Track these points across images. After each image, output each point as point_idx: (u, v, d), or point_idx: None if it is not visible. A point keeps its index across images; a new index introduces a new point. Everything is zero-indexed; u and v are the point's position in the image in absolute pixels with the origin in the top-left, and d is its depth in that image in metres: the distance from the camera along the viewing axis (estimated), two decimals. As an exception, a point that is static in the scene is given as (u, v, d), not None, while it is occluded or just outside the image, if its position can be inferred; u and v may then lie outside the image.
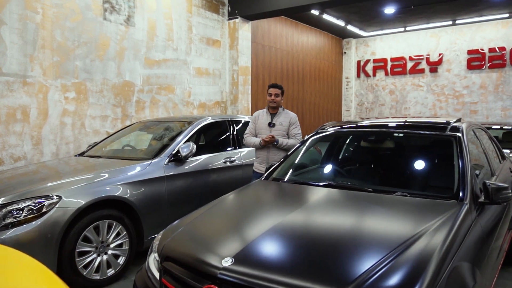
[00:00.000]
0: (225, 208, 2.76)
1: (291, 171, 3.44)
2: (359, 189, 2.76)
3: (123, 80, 6.84)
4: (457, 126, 3.14)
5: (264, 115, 4.65)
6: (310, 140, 3.63)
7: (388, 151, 3.32)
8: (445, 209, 2.35)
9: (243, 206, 2.73)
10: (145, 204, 3.97)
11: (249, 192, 2.98)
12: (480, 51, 11.18)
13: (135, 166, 4.08)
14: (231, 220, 2.54)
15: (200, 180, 4.58)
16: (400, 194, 2.59)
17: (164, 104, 7.55)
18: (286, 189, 2.98)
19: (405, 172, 3.07)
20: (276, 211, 2.53)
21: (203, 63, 8.33)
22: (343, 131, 3.62)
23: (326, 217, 2.40)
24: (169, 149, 4.41)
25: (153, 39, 7.31)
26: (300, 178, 3.24)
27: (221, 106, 8.86)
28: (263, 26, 10.08)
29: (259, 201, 2.71)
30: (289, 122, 4.54)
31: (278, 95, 4.55)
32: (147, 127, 5.54)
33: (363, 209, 2.46)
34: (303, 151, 3.59)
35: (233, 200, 2.86)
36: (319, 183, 2.92)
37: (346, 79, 13.63)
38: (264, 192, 2.95)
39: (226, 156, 5.01)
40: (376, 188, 2.79)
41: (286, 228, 2.22)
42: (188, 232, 2.45)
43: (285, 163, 3.48)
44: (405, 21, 11.13)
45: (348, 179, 3.14)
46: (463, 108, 11.48)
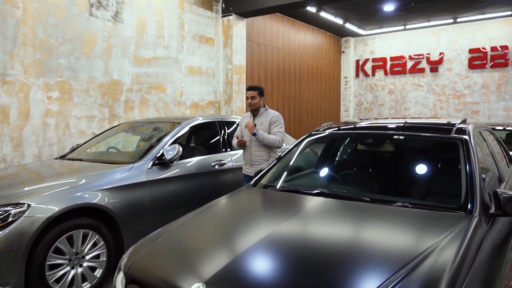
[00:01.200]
0: (204, 220, 2.47)
1: (283, 177, 3.16)
2: (355, 198, 2.47)
3: (111, 79, 6.54)
4: (463, 128, 2.85)
5: (248, 117, 4.60)
6: (305, 142, 3.34)
7: (387, 155, 3.03)
8: (452, 223, 2.07)
9: (225, 219, 2.44)
10: (125, 211, 3.68)
11: (232, 202, 2.69)
12: (482, 50, 10.90)
13: (115, 171, 3.79)
14: (210, 235, 2.25)
15: (187, 186, 4.29)
16: (401, 205, 2.30)
17: (155, 104, 7.26)
18: (274, 199, 2.69)
19: (406, 179, 2.78)
20: (262, 224, 2.23)
21: (195, 62, 8.04)
22: (339, 133, 3.33)
23: (318, 233, 2.11)
24: (152, 152, 4.12)
25: (143, 36, 7.02)
26: (291, 185, 2.95)
27: (214, 106, 8.57)
28: (259, 23, 9.80)
29: (243, 213, 2.42)
30: (270, 121, 4.44)
31: (255, 97, 4.46)
32: (133, 128, 5.25)
33: (360, 223, 2.17)
34: (297, 154, 3.30)
35: (214, 211, 2.57)
36: (312, 191, 2.62)
37: (344, 79, 13.35)
38: (249, 202, 2.66)
39: (215, 159, 4.72)
40: (374, 197, 2.50)
41: (271, 245, 1.94)
42: (161, 247, 2.16)
43: (276, 168, 3.19)
44: (405, 19, 10.85)
45: (343, 186, 2.85)
46: (464, 108, 11.20)
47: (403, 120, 3.37)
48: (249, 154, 4.46)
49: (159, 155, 4.11)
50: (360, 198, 2.45)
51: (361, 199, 2.44)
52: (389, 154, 3.01)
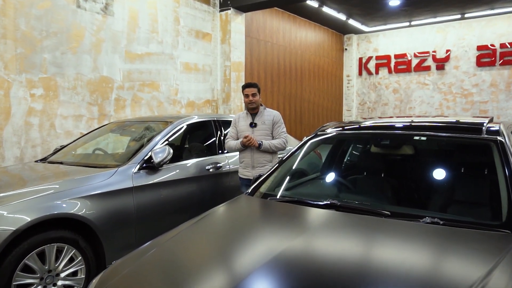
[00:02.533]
0: (196, 236, 2.06)
1: (284, 184, 2.74)
2: (372, 212, 2.06)
3: (100, 76, 6.13)
4: (494, 128, 2.44)
5: (244, 116, 4.26)
6: (309, 144, 2.92)
7: (406, 159, 2.61)
8: (496, 246, 1.65)
9: (219, 237, 2.02)
10: (107, 222, 3.26)
11: (226, 215, 2.28)
12: (490, 47, 10.48)
13: (96, 176, 3.37)
14: (204, 256, 1.84)
15: (178, 192, 3.87)
16: (430, 221, 1.89)
17: (148, 103, 6.84)
18: (275, 212, 2.27)
19: (430, 188, 2.36)
20: (263, 246, 1.82)
21: (191, 58, 7.63)
22: (349, 133, 2.91)
23: (331, 259, 1.69)
24: (139, 155, 3.70)
25: (135, 30, 6.60)
26: (294, 194, 2.54)
27: (212, 105, 8.16)
28: (258, 19, 9.38)
29: (239, 231, 2.00)
30: (273, 121, 4.16)
31: (255, 94, 4.16)
32: (122, 128, 4.84)
33: (383, 245, 1.76)
34: (300, 158, 2.89)
35: (207, 225, 2.16)
36: (320, 203, 2.21)
37: (347, 77, 12.93)
38: (245, 217, 2.23)
39: (210, 162, 4.30)
40: (395, 210, 2.08)
41: (275, 272, 1.52)
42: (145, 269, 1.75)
43: (277, 173, 2.77)
44: (410, 15, 10.43)
45: (356, 196, 2.43)
46: (472, 107, 10.78)
47: (421, 118, 2.96)
48: (250, 156, 4.09)
49: (147, 158, 3.70)
50: (378, 212, 2.04)
51: (379, 213, 2.03)
52: (408, 158, 2.59)
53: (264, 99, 9.63)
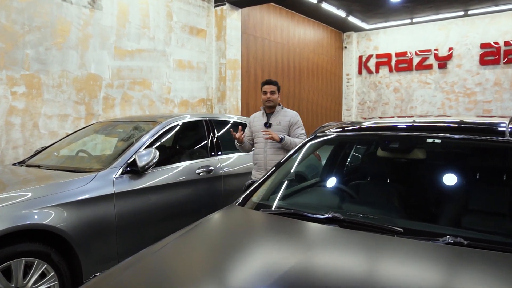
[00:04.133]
0: (172, 256, 1.76)
1: (280, 192, 2.44)
2: (381, 228, 1.75)
3: (88, 73, 5.81)
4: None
5: (260, 116, 4.08)
6: (308, 146, 2.61)
7: (417, 165, 2.30)
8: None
9: (200, 259, 1.71)
10: (84, 232, 2.94)
11: (211, 231, 1.97)
12: (494, 45, 10.18)
13: (73, 181, 3.05)
14: (178, 279, 1.53)
15: (164, 198, 3.55)
16: (452, 241, 1.58)
17: (139, 102, 6.52)
18: (268, 228, 1.95)
19: (449, 199, 2.04)
20: (251, 271, 1.51)
21: (185, 55, 7.31)
22: (352, 134, 2.59)
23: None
24: (122, 158, 3.38)
25: (125, 25, 6.28)
26: (291, 204, 2.23)
27: (206, 104, 7.84)
28: (255, 15, 9.06)
29: (224, 251, 1.68)
30: (289, 122, 3.94)
31: (274, 92, 3.97)
32: (107, 128, 4.52)
33: (394, 274, 1.45)
34: (298, 162, 2.58)
35: (186, 245, 1.84)
36: (320, 216, 1.90)
37: (346, 76, 12.62)
38: (232, 234, 1.92)
39: (201, 166, 3.99)
40: (408, 226, 1.77)
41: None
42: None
43: (272, 179, 2.46)
44: (412, 11, 10.13)
45: (360, 207, 2.12)
46: (475, 107, 10.48)
47: (427, 118, 2.65)
48: (263, 157, 3.91)
49: (131, 161, 3.38)
50: (389, 228, 1.73)
51: (390, 230, 1.72)
52: (420, 163, 2.28)
53: (260, 98, 9.30)
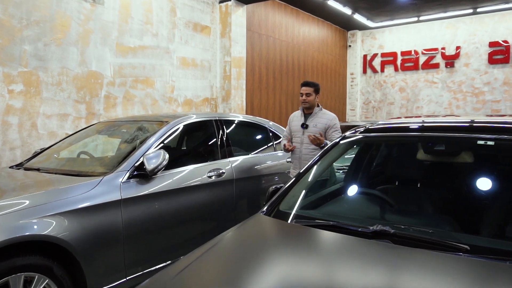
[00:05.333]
0: (198, 279, 1.49)
1: (310, 199, 2.19)
2: (443, 245, 1.49)
3: (88, 70, 5.54)
4: None
5: (299, 116, 4.16)
6: (336, 149, 2.35)
7: (467, 169, 2.04)
8: None
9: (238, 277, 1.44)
10: (89, 243, 2.69)
11: (237, 248, 1.71)
12: (503, 43, 9.96)
13: (76, 187, 2.79)
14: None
15: (174, 204, 3.29)
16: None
17: (141, 101, 6.26)
18: (309, 244, 1.68)
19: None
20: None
21: (189, 53, 7.04)
22: (387, 135, 2.33)
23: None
24: (129, 161, 3.12)
25: (127, 21, 6.02)
26: (327, 215, 1.97)
27: (210, 103, 7.58)
28: (260, 12, 8.81)
29: (258, 275, 1.42)
30: (326, 125, 3.96)
31: (310, 94, 4.02)
32: (111, 129, 4.25)
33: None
34: (326, 165, 2.33)
35: (211, 266, 1.58)
36: (366, 230, 1.64)
37: (351, 75, 12.37)
38: (266, 251, 1.65)
39: (212, 168, 3.73)
40: (474, 243, 1.52)
41: None
42: None
43: (299, 185, 2.21)
44: (419, 9, 9.90)
45: (408, 219, 1.87)
46: (483, 107, 10.26)
47: (470, 117, 2.40)
48: (298, 157, 4.02)
49: (138, 164, 3.12)
50: (453, 245, 1.48)
51: (455, 247, 1.47)
52: (471, 168, 2.02)
53: (265, 97, 9.08)
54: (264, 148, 4.70)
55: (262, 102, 9.01)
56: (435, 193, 2.01)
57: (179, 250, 3.29)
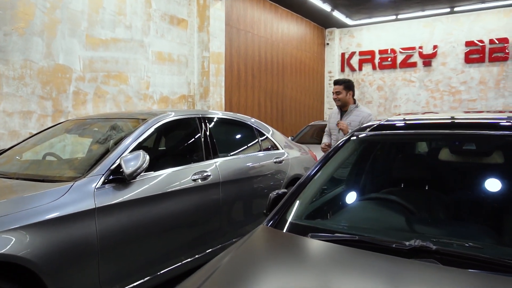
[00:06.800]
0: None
1: (318, 206, 1.89)
2: (502, 264, 1.23)
3: (55, 64, 5.06)
4: None
5: (335, 114, 4.26)
6: (344, 149, 2.07)
7: (502, 171, 1.80)
8: None
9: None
10: (57, 260, 2.30)
11: (247, 272, 1.39)
12: (479, 43, 10.05)
13: (41, 195, 2.39)
14: None
15: (156, 211, 2.93)
16: None
17: (114, 97, 5.81)
18: (329, 266, 1.38)
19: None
20: None
21: (165, 47, 6.64)
22: (405, 134, 2.06)
23: None
24: (104, 164, 2.73)
25: (98, 11, 5.56)
26: (342, 226, 1.68)
27: (188, 101, 7.19)
28: (238, 7, 8.49)
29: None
30: (360, 122, 3.89)
31: (340, 92, 4.06)
32: (81, 127, 3.83)
33: None
34: (337, 167, 2.05)
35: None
36: (402, 247, 1.36)
37: (329, 74, 12.23)
38: (283, 275, 1.33)
39: (196, 171, 3.38)
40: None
41: None
42: None
43: (306, 190, 1.91)
44: (398, 7, 9.84)
45: (440, 230, 1.60)
46: (460, 106, 10.33)
47: (492, 114, 2.17)
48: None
49: (115, 168, 2.74)
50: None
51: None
52: (498, 170, 1.78)
53: (244, 95, 8.77)
54: (251, 147, 4.40)
55: (241, 100, 8.69)
56: (467, 199, 1.76)
57: (161, 263, 2.94)
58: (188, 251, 3.19)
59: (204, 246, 3.35)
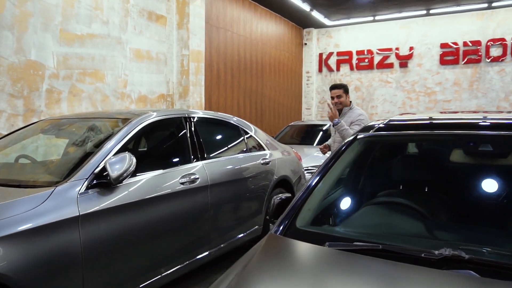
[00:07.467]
0: None
1: (329, 211, 1.78)
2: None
3: (27, 60, 4.74)
4: None
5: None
6: (350, 150, 1.97)
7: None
8: None
9: None
10: (37, 273, 2.09)
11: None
12: (453, 45, 10.26)
13: (19, 202, 2.17)
14: None
15: (144, 218, 2.74)
16: None
17: (90, 96, 5.53)
18: (354, 280, 1.27)
19: None
20: None
21: (143, 44, 6.39)
22: (415, 135, 1.97)
23: None
24: (87, 167, 2.53)
25: (73, 5, 5.27)
26: (360, 233, 1.57)
27: (167, 100, 6.96)
28: (218, 4, 8.31)
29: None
30: (350, 123, 4.10)
31: (341, 96, 4.26)
32: (58, 127, 3.58)
33: None
34: (343, 168, 1.94)
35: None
36: (430, 255, 1.26)
37: (306, 74, 12.21)
38: None
39: (184, 174, 3.21)
40: None
41: None
42: None
43: (313, 195, 1.79)
44: (376, 8, 9.91)
45: (464, 235, 1.51)
46: (435, 106, 10.52)
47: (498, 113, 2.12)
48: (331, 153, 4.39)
49: (99, 171, 2.54)
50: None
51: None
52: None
53: (223, 95, 8.60)
54: (237, 148, 4.26)
55: (220, 100, 8.52)
56: (487, 203, 1.68)
57: (149, 272, 2.76)
58: (178, 257, 3.03)
59: (195, 251, 3.19)
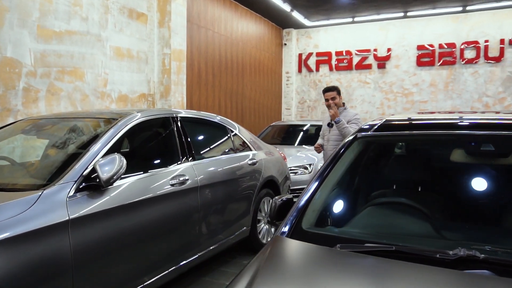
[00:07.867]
0: None
1: (335, 212, 1.76)
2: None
3: (2, 57, 4.54)
4: None
5: (327, 117, 4.57)
6: (352, 149, 1.95)
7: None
8: None
9: None
10: (23, 281, 1.98)
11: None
12: (429, 47, 10.50)
13: (3, 207, 2.05)
14: None
15: (135, 221, 2.66)
16: None
17: (69, 95, 5.34)
18: (369, 282, 1.25)
19: None
20: None
21: (124, 42, 6.23)
22: (418, 134, 1.97)
23: None
24: (76, 169, 2.43)
25: (51, 1, 5.08)
26: (370, 234, 1.55)
27: (148, 100, 6.82)
28: (199, 3, 8.21)
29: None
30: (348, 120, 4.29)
31: (335, 98, 4.45)
32: (39, 128, 3.43)
33: None
34: (345, 169, 1.92)
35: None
36: (445, 256, 1.26)
37: (286, 74, 12.24)
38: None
39: (174, 175, 3.13)
40: None
41: None
42: None
43: (317, 195, 1.76)
44: (355, 10, 10.03)
45: (472, 235, 1.52)
46: (412, 107, 10.74)
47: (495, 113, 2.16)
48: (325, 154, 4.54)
49: (88, 173, 2.44)
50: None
51: None
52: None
53: (205, 94, 8.51)
54: (224, 148, 4.21)
55: (201, 100, 8.43)
56: (492, 202, 1.70)
57: (142, 277, 2.67)
58: (170, 261, 2.95)
59: (186, 254, 3.13)
